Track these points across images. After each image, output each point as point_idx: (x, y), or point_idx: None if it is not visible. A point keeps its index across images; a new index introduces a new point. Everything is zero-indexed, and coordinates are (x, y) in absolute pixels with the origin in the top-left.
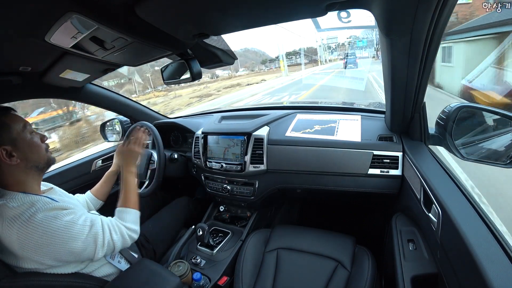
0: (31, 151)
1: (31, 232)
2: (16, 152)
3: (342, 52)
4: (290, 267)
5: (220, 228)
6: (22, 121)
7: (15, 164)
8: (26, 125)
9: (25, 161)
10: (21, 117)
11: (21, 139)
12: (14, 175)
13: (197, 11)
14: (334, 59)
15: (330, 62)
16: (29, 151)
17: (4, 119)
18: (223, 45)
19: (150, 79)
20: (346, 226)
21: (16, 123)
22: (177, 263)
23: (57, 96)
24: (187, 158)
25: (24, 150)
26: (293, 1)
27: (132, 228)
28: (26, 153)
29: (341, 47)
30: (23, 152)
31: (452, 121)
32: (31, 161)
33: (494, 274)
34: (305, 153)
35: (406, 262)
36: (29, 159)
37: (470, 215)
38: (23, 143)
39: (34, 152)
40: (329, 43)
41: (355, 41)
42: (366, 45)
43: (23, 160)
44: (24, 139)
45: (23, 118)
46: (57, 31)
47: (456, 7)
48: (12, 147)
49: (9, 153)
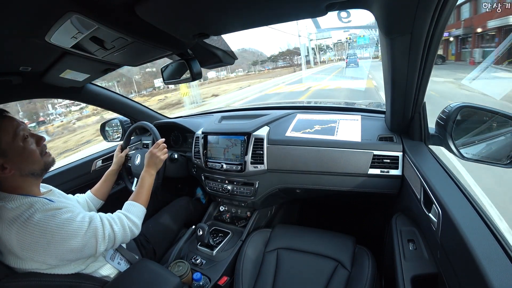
0: (24, 160)
1: (30, 232)
2: (8, 163)
3: (340, 51)
4: (290, 267)
5: (220, 228)
6: (13, 127)
7: (9, 175)
8: (17, 131)
9: (19, 171)
10: (13, 121)
11: (11, 149)
12: (10, 182)
13: (197, 11)
14: (328, 59)
15: (323, 64)
16: (21, 161)
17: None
18: (223, 45)
19: (135, 83)
20: (346, 226)
21: (6, 132)
22: (177, 263)
23: (57, 96)
24: (187, 158)
25: (16, 160)
26: (293, 1)
27: (135, 221)
28: (18, 163)
29: (339, 45)
30: (15, 162)
31: (452, 121)
32: (25, 169)
33: (494, 274)
34: (305, 153)
35: (406, 262)
36: (23, 169)
37: (470, 215)
38: (14, 153)
39: (29, 161)
40: (319, 40)
41: (355, 38)
42: (368, 43)
43: (17, 170)
44: (15, 149)
45: (16, 122)
46: (57, 31)
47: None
48: (3, 159)
49: (1, 165)
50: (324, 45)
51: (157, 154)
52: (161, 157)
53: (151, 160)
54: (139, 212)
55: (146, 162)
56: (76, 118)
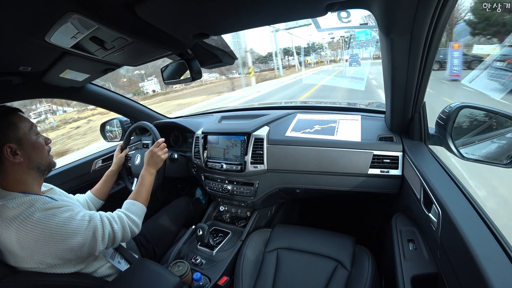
0: (35, 151)
1: (29, 231)
2: (21, 150)
3: (335, 51)
4: (290, 267)
5: (220, 228)
6: (29, 122)
7: (18, 162)
8: (32, 126)
9: (28, 161)
10: (28, 118)
11: (26, 139)
12: (16, 174)
13: (197, 11)
14: (319, 61)
15: (309, 67)
16: (33, 151)
17: (12, 118)
18: (223, 45)
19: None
20: (346, 226)
21: (23, 123)
22: (177, 263)
23: (57, 96)
24: (187, 158)
25: (28, 149)
26: (293, 1)
27: (135, 220)
28: (30, 153)
29: (334, 45)
30: (27, 152)
31: (452, 121)
32: (33, 161)
33: (494, 274)
34: (305, 153)
35: (406, 262)
36: (32, 159)
37: (470, 215)
38: (28, 143)
39: (38, 153)
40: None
41: (354, 33)
42: (370, 39)
43: (26, 159)
44: (29, 139)
45: (30, 120)
46: (57, 31)
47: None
48: (17, 145)
49: (14, 151)
50: (315, 43)
51: (158, 153)
52: (162, 156)
53: (152, 159)
54: (139, 211)
55: (146, 160)
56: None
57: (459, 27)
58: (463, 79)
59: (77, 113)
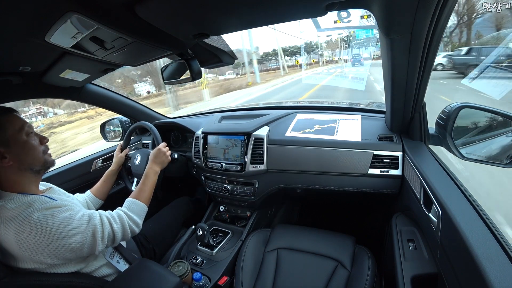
0: (25, 153)
1: (28, 232)
2: (9, 154)
3: (333, 51)
4: (290, 267)
5: (220, 228)
6: (20, 122)
7: (7, 165)
8: (23, 126)
9: (18, 163)
10: (20, 118)
11: (14, 141)
12: (8, 176)
13: (197, 11)
14: (314, 62)
15: (297, 70)
16: (22, 153)
17: (0, 119)
18: (223, 45)
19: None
20: (346, 226)
21: (12, 124)
22: (177, 263)
23: (57, 96)
24: (187, 158)
25: (18, 151)
26: (293, 1)
27: (135, 219)
28: (19, 154)
29: (332, 44)
30: (16, 154)
31: (452, 121)
32: (24, 163)
33: (494, 274)
34: (305, 153)
35: (406, 262)
36: (23, 161)
37: (470, 215)
38: (16, 144)
39: (29, 154)
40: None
41: (354, 32)
42: (372, 36)
43: (15, 161)
44: (18, 141)
45: (23, 119)
46: (57, 31)
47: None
48: (5, 148)
49: (2, 154)
50: (312, 42)
51: (166, 153)
52: (167, 159)
53: (158, 157)
54: (140, 211)
55: (153, 158)
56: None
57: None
58: None
59: (67, 116)
